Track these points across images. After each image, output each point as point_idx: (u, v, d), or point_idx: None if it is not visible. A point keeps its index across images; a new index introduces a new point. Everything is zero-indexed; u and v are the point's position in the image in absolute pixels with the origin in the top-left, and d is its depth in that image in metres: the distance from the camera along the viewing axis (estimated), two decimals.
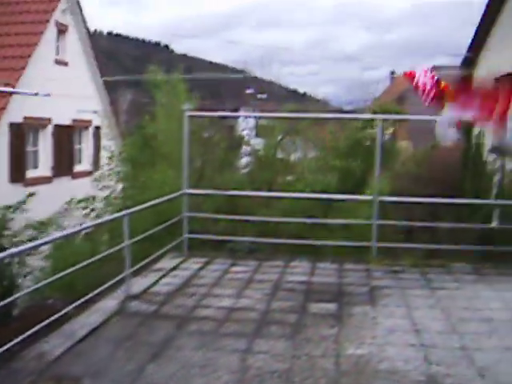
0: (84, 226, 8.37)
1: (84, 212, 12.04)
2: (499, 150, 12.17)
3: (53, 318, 5.42)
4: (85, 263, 6.22)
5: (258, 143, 13.35)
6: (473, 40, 14.46)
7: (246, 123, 13.85)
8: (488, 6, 13.28)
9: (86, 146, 20.11)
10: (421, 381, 4.62)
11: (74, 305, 5.88)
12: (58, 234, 6.77)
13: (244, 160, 13.55)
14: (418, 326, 5.87)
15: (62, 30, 18.34)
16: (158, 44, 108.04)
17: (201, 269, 8.19)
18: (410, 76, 7.07)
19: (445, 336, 5.62)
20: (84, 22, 19.54)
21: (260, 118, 13.16)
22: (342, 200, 10.58)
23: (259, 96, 16.85)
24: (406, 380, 4.63)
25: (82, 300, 6.02)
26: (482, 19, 13.74)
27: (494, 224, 10.96)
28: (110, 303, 6.49)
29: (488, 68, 13.74)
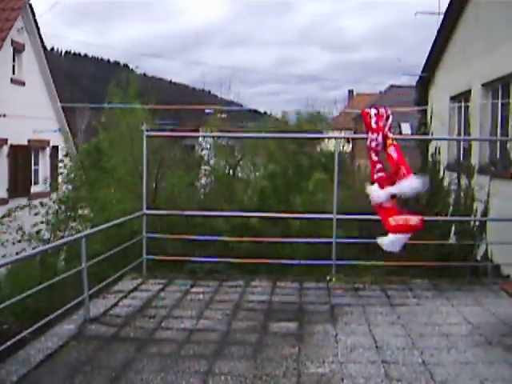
0: (40, 248, 8.22)
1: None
2: (455, 167, 12.45)
3: (8, 344, 5.25)
4: (41, 287, 6.08)
5: (216, 163, 13.36)
6: (427, 60, 14.82)
7: (205, 143, 13.84)
8: (441, 28, 13.66)
9: (43, 166, 19.79)
10: None
11: (30, 329, 5.72)
12: (12, 258, 6.60)
13: (203, 180, 13.53)
14: (379, 343, 5.90)
15: (18, 49, 18.11)
16: (117, 63, 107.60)
17: (161, 290, 8.08)
18: (366, 116, 7.11)
19: (405, 352, 5.65)
20: (41, 41, 19.34)
21: (218, 137, 13.17)
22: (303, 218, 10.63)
23: (219, 116, 16.86)
24: None
25: (39, 324, 5.86)
26: (435, 40, 14.11)
27: (452, 240, 11.18)
28: (67, 327, 6.33)
29: (443, 87, 14.10)
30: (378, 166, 6.84)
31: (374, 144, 6.84)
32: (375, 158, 6.87)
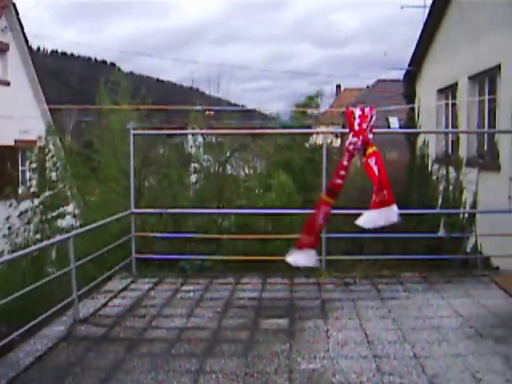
0: (29, 249, 8.15)
1: None
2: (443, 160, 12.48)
3: None
4: (29, 289, 6.03)
5: (206, 160, 13.30)
6: (414, 54, 14.85)
7: (193, 140, 13.78)
8: (426, 22, 13.68)
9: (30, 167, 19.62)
10: None
11: (18, 332, 5.66)
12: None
13: (193, 177, 13.48)
14: (370, 337, 5.89)
15: (2, 49, 17.96)
16: (104, 62, 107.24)
17: (151, 289, 8.04)
18: (350, 115, 7.03)
19: (397, 346, 5.65)
20: (26, 40, 19.19)
21: (207, 134, 13.13)
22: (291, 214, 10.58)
23: (207, 113, 16.82)
24: None
25: (28, 326, 5.80)
26: (421, 34, 14.13)
27: (441, 233, 11.20)
28: (57, 328, 6.29)
29: (430, 80, 14.13)
30: (342, 172, 6.78)
31: (351, 147, 6.77)
32: (345, 163, 6.79)
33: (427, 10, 13.67)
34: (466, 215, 10.73)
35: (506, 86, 9.71)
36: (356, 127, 6.79)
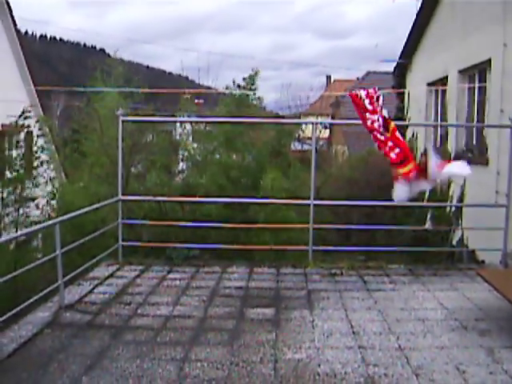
0: (15, 235, 8.10)
1: None
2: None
3: None
4: (12, 275, 5.98)
5: (194, 148, 13.23)
6: (405, 46, 14.84)
7: (182, 128, 13.71)
8: (418, 14, 13.66)
9: (17, 151, 19.44)
10: (359, 382, 4.64)
11: (3, 318, 5.62)
12: None
13: (181, 165, 13.43)
14: (355, 328, 5.91)
15: None
16: (94, 48, 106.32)
17: (137, 277, 8.01)
18: (355, 97, 6.87)
19: (382, 337, 5.68)
20: (14, 23, 18.91)
21: (196, 122, 13.06)
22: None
23: (196, 101, 16.70)
24: (345, 382, 4.64)
25: (12, 312, 5.76)
26: (413, 26, 14.12)
27: (428, 225, 11.26)
28: (42, 314, 6.24)
29: (420, 73, 14.13)
30: (390, 143, 6.67)
31: (376, 125, 6.62)
32: (382, 138, 6.67)
33: (419, 3, 13.67)
34: (453, 209, 10.79)
35: (496, 81, 9.73)
36: (369, 106, 6.67)
